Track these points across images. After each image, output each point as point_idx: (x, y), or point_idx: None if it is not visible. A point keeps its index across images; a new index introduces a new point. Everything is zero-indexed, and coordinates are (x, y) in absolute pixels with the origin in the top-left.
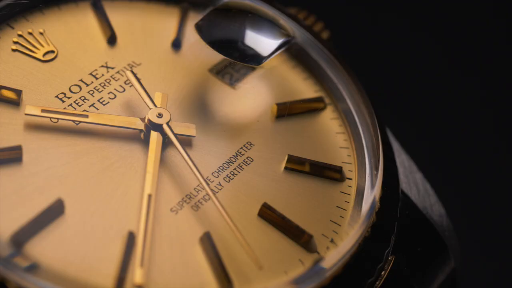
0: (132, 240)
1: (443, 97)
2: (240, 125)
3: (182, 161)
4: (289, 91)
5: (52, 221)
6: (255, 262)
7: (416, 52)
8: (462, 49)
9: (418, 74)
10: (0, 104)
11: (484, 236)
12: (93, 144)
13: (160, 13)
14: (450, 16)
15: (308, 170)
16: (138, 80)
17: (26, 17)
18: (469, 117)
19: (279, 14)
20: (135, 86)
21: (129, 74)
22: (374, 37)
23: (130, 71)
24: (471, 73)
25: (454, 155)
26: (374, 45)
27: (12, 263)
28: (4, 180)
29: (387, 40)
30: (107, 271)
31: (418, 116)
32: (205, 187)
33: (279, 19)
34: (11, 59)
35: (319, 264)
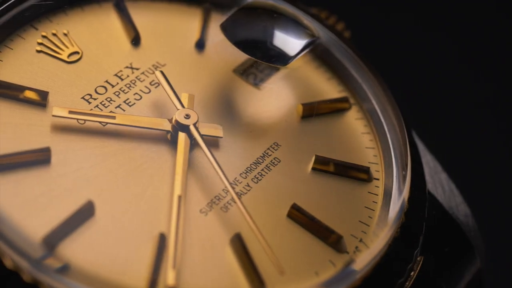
0: (163, 241)
1: (464, 96)
2: (266, 125)
3: (209, 162)
4: (313, 91)
5: (83, 223)
6: (277, 267)
7: (433, 52)
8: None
9: (437, 73)
10: (27, 106)
11: (509, 236)
12: (121, 146)
13: (182, 14)
14: (466, 16)
15: (336, 171)
16: (167, 80)
17: (50, 18)
18: (491, 116)
19: (303, 14)
20: (163, 86)
21: (158, 74)
22: (390, 37)
23: (159, 71)
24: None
25: (477, 155)
26: (390, 45)
27: (44, 265)
28: (33, 181)
29: (403, 40)
30: (139, 273)
31: (439, 116)
32: (230, 190)
33: (303, 19)
34: (35, 60)
35: (350, 265)
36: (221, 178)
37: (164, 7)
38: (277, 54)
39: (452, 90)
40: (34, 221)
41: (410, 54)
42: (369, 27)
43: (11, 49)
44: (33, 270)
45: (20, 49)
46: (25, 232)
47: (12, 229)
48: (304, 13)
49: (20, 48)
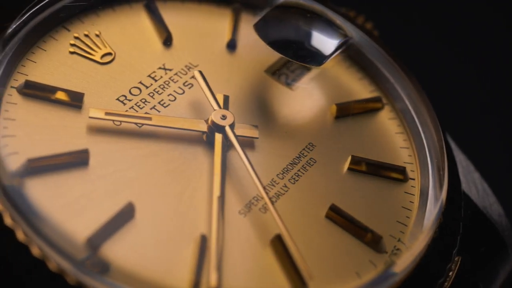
0: (204, 243)
1: (491, 94)
2: (300, 126)
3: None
4: (344, 91)
5: (124, 224)
6: (306, 272)
7: (460, 50)
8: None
9: (465, 72)
10: (62, 107)
11: None
12: (157, 147)
13: (212, 14)
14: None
15: (372, 171)
16: (205, 80)
17: (81, 19)
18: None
19: (334, 14)
20: (201, 86)
21: (196, 74)
22: (415, 36)
23: (198, 71)
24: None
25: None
26: (416, 44)
27: (88, 267)
28: (73, 183)
29: (429, 40)
30: (181, 274)
31: (469, 115)
32: (263, 194)
33: (336, 19)
34: (69, 61)
35: (392, 266)
36: (255, 181)
37: (193, 7)
38: (311, 54)
39: (482, 89)
40: (76, 223)
41: (436, 54)
42: (395, 27)
43: (44, 50)
44: (77, 272)
45: (53, 50)
46: (68, 234)
47: (56, 231)
48: (335, 13)
49: (53, 50)
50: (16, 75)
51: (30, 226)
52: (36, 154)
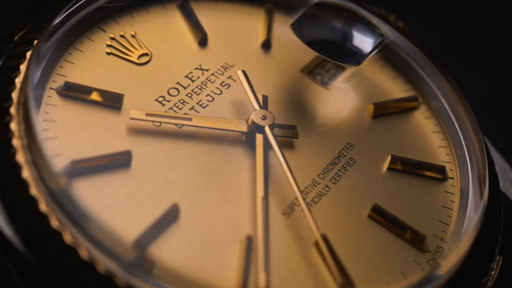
0: (250, 244)
1: None
2: (338, 125)
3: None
4: (379, 90)
5: (169, 225)
6: (335, 277)
7: (489, 47)
8: None
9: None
10: (102, 108)
11: None
12: (198, 148)
13: (245, 14)
14: None
15: (411, 171)
16: (248, 80)
17: (116, 20)
18: None
19: (369, 13)
20: (244, 86)
21: (240, 73)
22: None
23: (241, 70)
24: None
25: None
26: (446, 42)
27: (137, 268)
28: (116, 185)
29: (459, 37)
30: (228, 275)
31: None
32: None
33: (372, 18)
34: (107, 62)
35: (437, 266)
36: (291, 183)
37: (226, 7)
38: (350, 53)
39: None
40: (123, 225)
41: (465, 51)
42: (425, 25)
43: (81, 51)
44: (126, 274)
45: (90, 51)
46: (117, 235)
47: (104, 233)
48: (369, 12)
49: (90, 51)
50: (55, 76)
51: (78, 228)
52: (79, 156)
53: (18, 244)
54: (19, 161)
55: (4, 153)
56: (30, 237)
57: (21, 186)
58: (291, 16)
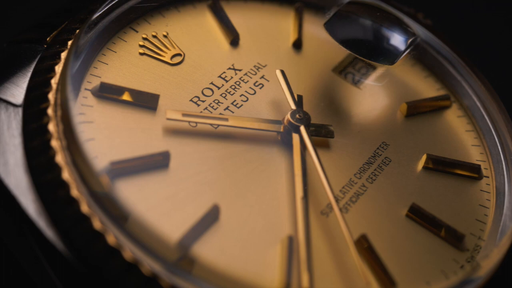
0: (292, 244)
1: None
2: (372, 125)
3: (324, 163)
4: (411, 90)
5: (210, 226)
6: (364, 278)
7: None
8: None
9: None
10: (138, 109)
11: None
12: (234, 148)
13: (275, 13)
14: None
15: (447, 169)
16: (286, 80)
17: (148, 20)
18: None
19: (400, 12)
20: (282, 86)
21: (278, 73)
22: (475, 32)
23: (280, 70)
24: None
25: None
26: (474, 40)
27: (182, 269)
28: (156, 186)
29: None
30: (270, 275)
31: None
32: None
33: (403, 17)
34: (140, 63)
35: (478, 267)
36: (324, 184)
37: (256, 7)
38: (383, 52)
39: None
40: (165, 226)
41: (495, 48)
42: (453, 23)
43: (114, 52)
44: (170, 274)
45: (124, 52)
46: (161, 236)
47: (148, 234)
48: (399, 11)
49: (124, 51)
50: (89, 77)
51: (121, 229)
52: (117, 157)
53: (60, 246)
54: (59, 162)
55: (44, 154)
56: (72, 239)
57: (62, 188)
58: (320, 15)
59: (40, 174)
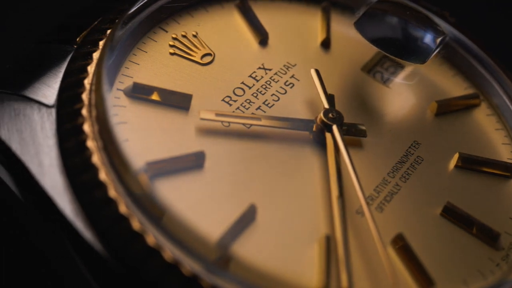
0: (329, 243)
1: None
2: (403, 124)
3: (357, 162)
4: (439, 88)
5: (247, 226)
6: (392, 277)
7: None
8: None
9: None
10: (171, 109)
11: None
12: (267, 148)
13: (302, 13)
14: None
15: (479, 168)
16: (320, 79)
17: (177, 20)
18: None
19: (428, 12)
20: (316, 85)
21: (313, 72)
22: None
23: (314, 69)
24: None
25: None
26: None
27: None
28: (192, 186)
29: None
30: (309, 275)
31: None
32: (359, 195)
33: (432, 17)
34: (171, 63)
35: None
36: (354, 184)
37: (283, 6)
38: (415, 51)
39: None
40: (204, 225)
41: None
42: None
43: (145, 52)
44: (211, 274)
45: (154, 52)
46: (201, 236)
47: (188, 234)
48: (427, 9)
49: (154, 51)
50: (121, 77)
51: (160, 229)
52: (153, 157)
53: (99, 247)
54: (96, 163)
55: (80, 155)
56: (110, 240)
57: (99, 189)
58: (346, 14)
59: (77, 175)
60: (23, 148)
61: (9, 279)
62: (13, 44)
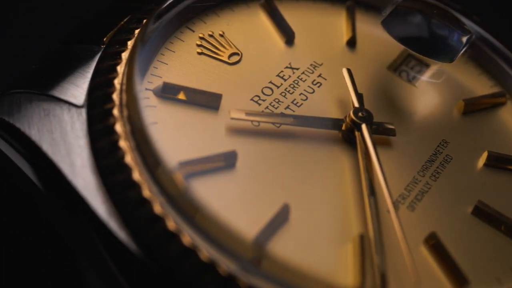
0: (363, 242)
1: None
2: (430, 122)
3: (387, 161)
4: (465, 87)
5: (281, 225)
6: (414, 276)
7: None
8: None
9: None
10: (200, 109)
11: None
12: (297, 147)
13: (327, 12)
14: None
15: (508, 166)
16: (352, 79)
17: (203, 20)
18: None
19: (452, 10)
20: (348, 85)
21: (344, 72)
22: None
23: (346, 68)
24: None
25: None
26: None
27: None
28: (226, 186)
29: None
30: (344, 274)
31: None
32: (386, 195)
33: (459, 15)
34: (199, 62)
35: None
36: (381, 183)
37: (308, 5)
38: (443, 50)
39: None
40: (239, 225)
41: None
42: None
43: (173, 52)
44: (248, 274)
45: (182, 51)
46: (238, 235)
47: (224, 233)
48: (452, 8)
49: (182, 51)
50: (150, 77)
51: (196, 229)
52: (185, 157)
53: (134, 247)
54: (129, 163)
55: (112, 155)
56: (145, 240)
57: (133, 189)
58: (371, 14)
59: (109, 175)
60: (54, 148)
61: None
62: (38, 45)
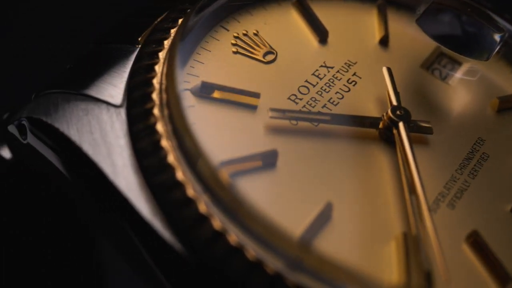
0: (407, 241)
1: None
2: (465, 120)
3: (425, 159)
4: (497, 85)
5: (325, 223)
6: (444, 274)
7: None
8: None
9: None
10: (238, 108)
11: None
12: (335, 145)
13: (358, 10)
14: None
15: None
16: (391, 77)
17: (237, 19)
18: None
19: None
20: (388, 83)
21: (384, 70)
22: None
23: (386, 67)
24: None
25: None
26: None
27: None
28: (268, 185)
29: None
30: (388, 272)
31: None
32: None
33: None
34: (235, 61)
35: None
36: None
37: (340, 4)
38: (477, 48)
39: None
40: (285, 223)
41: None
42: None
43: (209, 51)
44: (295, 273)
45: (218, 51)
46: (284, 234)
47: (270, 232)
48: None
49: (217, 50)
50: (187, 77)
51: (242, 228)
52: (226, 156)
53: (179, 247)
54: (172, 162)
55: (154, 155)
56: (191, 240)
57: (177, 188)
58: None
59: (152, 175)
60: (95, 148)
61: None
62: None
